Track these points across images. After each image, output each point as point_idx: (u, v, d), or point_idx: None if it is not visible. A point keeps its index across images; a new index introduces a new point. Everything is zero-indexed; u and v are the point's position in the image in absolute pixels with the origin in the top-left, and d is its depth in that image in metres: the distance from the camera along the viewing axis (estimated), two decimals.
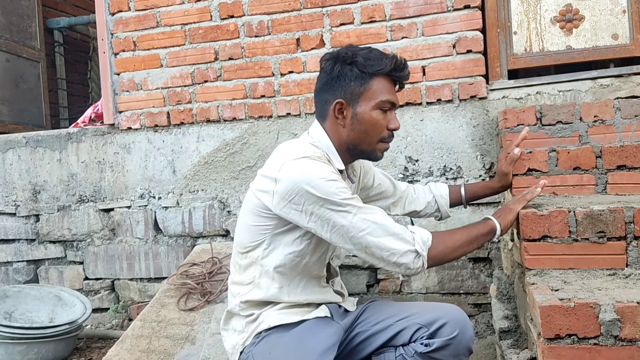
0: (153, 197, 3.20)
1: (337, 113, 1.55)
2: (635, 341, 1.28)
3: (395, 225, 1.46)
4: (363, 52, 1.53)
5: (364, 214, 1.43)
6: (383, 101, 1.53)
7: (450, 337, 1.49)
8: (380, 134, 1.55)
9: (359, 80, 1.52)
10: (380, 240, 1.42)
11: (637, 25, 2.63)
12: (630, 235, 1.58)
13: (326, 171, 1.44)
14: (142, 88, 3.19)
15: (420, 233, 1.49)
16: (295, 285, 1.57)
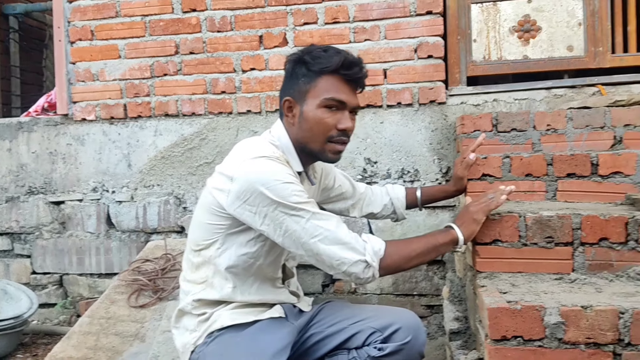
0: (106, 190, 3.12)
1: (286, 111, 1.55)
2: (579, 344, 1.32)
3: (348, 233, 1.44)
4: (316, 51, 1.51)
5: (317, 220, 1.42)
6: (327, 99, 1.48)
7: (404, 342, 1.50)
8: (327, 133, 1.51)
9: (307, 78, 1.50)
10: (331, 248, 1.41)
11: (591, 38, 2.71)
12: (577, 241, 1.63)
13: (283, 173, 1.43)
14: (98, 79, 3.11)
15: (373, 243, 1.46)
16: (249, 285, 1.55)
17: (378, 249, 1.45)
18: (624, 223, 1.60)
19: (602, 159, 1.96)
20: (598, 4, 2.69)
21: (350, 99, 1.52)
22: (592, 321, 1.30)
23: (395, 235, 2.77)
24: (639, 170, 1.94)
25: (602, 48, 2.70)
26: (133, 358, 2.22)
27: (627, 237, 1.61)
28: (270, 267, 1.58)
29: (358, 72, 1.52)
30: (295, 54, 1.55)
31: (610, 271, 1.62)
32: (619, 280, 1.57)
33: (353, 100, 1.53)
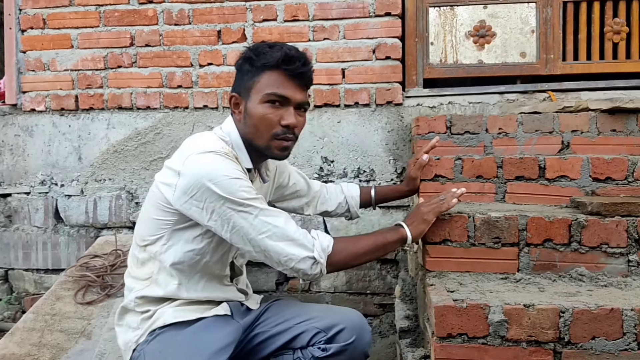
0: (55, 184, 3.03)
1: (233, 107, 1.55)
2: (521, 342, 1.36)
3: (296, 230, 1.44)
4: (262, 47, 1.50)
5: (265, 217, 1.41)
6: (269, 94, 1.47)
7: (347, 343, 1.51)
8: (271, 129, 1.49)
9: (251, 74, 1.50)
10: (279, 244, 1.41)
11: (543, 46, 2.79)
12: (522, 242, 1.67)
13: (231, 168, 1.41)
14: (49, 68, 3.01)
15: (322, 240, 1.47)
16: (195, 282, 1.53)
17: (326, 246, 1.46)
18: (567, 225, 1.65)
19: (550, 162, 2.02)
20: (551, 13, 2.78)
21: (293, 95, 1.49)
22: (534, 320, 1.34)
23: (350, 234, 2.79)
24: (583, 175, 2.01)
25: (554, 55, 2.79)
26: (78, 355, 2.16)
27: (570, 239, 1.66)
28: (217, 264, 1.56)
29: (300, 66, 1.49)
30: (244, 51, 1.54)
31: (554, 271, 1.67)
32: (561, 281, 1.62)
33: (297, 96, 1.50)
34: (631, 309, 1.33)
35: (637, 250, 1.64)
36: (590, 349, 1.34)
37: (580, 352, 1.34)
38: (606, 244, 1.64)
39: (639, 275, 1.64)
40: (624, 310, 1.33)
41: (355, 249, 1.51)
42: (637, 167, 1.98)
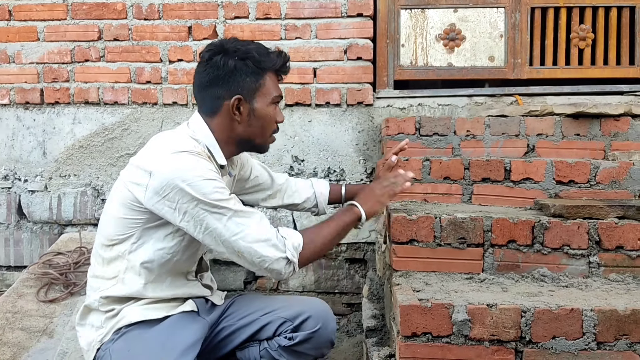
0: (18, 179, 2.96)
1: (234, 109, 1.52)
2: (483, 341, 1.38)
3: (269, 230, 1.44)
4: (253, 47, 1.53)
5: (239, 218, 1.41)
6: (276, 96, 1.56)
7: (313, 331, 1.54)
8: (272, 128, 1.60)
9: (255, 76, 1.52)
10: (253, 246, 1.41)
11: (511, 50, 2.84)
12: (487, 243, 1.70)
13: (205, 169, 1.41)
14: (14, 61, 2.94)
15: (292, 238, 1.48)
16: (162, 280, 1.52)
17: (297, 245, 1.47)
18: (530, 227, 1.69)
19: (515, 165, 2.05)
20: (519, 18, 2.83)
21: (282, 94, 1.63)
22: (497, 319, 1.37)
23: None
24: (547, 177, 2.06)
25: (521, 60, 2.84)
26: (40, 354, 2.12)
27: (533, 240, 1.69)
28: (187, 261, 1.55)
29: (288, 69, 1.63)
30: (218, 47, 1.53)
31: (517, 272, 1.70)
32: (524, 281, 1.65)
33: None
34: (591, 309, 1.37)
35: (598, 252, 1.69)
36: (550, 348, 1.37)
37: (541, 351, 1.37)
38: (568, 245, 1.69)
39: (599, 276, 1.69)
40: (584, 311, 1.36)
41: (321, 239, 1.54)
42: (599, 171, 2.04)
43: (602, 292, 1.54)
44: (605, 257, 1.68)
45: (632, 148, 2.32)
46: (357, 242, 2.81)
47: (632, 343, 1.35)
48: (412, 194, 2.12)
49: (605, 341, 1.36)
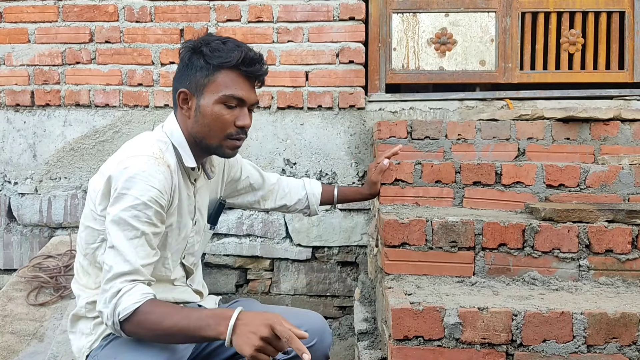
0: (8, 181, 2.94)
1: (181, 103, 1.48)
2: (475, 344, 1.39)
3: (119, 283, 1.29)
4: (215, 42, 1.44)
5: (116, 250, 1.32)
6: (227, 96, 1.43)
7: (308, 346, 1.48)
8: (225, 130, 1.46)
9: (205, 71, 1.44)
10: (103, 285, 1.31)
11: (502, 54, 2.86)
12: (478, 246, 1.71)
13: (147, 186, 1.34)
14: (4, 63, 2.92)
15: (125, 303, 1.27)
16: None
17: (119, 312, 1.28)
18: (521, 230, 1.70)
19: (506, 169, 2.07)
20: (510, 22, 2.85)
21: (249, 96, 1.47)
22: (488, 322, 1.37)
23: (311, 236, 2.80)
24: (538, 181, 2.07)
25: (512, 64, 2.86)
26: (30, 358, 2.10)
27: (524, 244, 1.70)
28: (162, 267, 1.50)
29: (259, 69, 1.48)
30: (191, 43, 1.48)
31: (508, 275, 1.71)
32: (515, 284, 1.66)
33: (252, 97, 1.49)
34: (581, 312, 1.38)
35: (588, 256, 1.70)
36: (541, 351, 1.38)
37: (531, 355, 1.38)
38: (558, 249, 1.70)
39: (589, 279, 1.70)
40: (574, 314, 1.37)
41: (158, 327, 1.27)
42: (589, 175, 2.05)
43: (592, 296, 1.55)
44: (595, 261, 1.70)
45: (622, 152, 2.34)
46: (349, 245, 2.82)
47: (621, 346, 1.37)
48: (404, 198, 2.13)
49: (595, 344, 1.37)
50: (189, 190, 1.54)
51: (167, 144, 1.48)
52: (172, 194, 1.44)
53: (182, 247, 1.56)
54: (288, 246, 2.83)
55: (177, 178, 1.47)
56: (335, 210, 2.79)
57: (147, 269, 1.35)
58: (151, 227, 1.35)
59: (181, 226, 1.53)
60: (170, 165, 1.44)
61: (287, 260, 2.85)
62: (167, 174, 1.40)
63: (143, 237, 1.34)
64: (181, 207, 1.51)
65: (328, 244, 2.82)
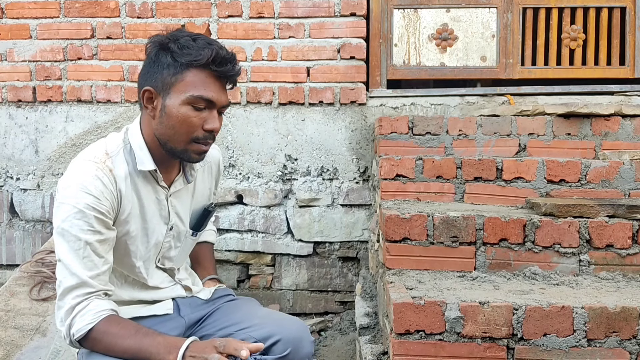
0: (10, 177, 2.95)
1: (146, 102, 1.38)
2: (475, 338, 1.40)
3: (71, 298, 1.29)
4: (184, 39, 1.33)
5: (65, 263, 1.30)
6: (195, 97, 1.32)
7: (281, 356, 1.44)
8: (192, 133, 1.35)
9: (172, 69, 1.33)
10: (58, 302, 1.32)
11: (503, 50, 2.86)
12: (479, 241, 1.72)
13: (82, 193, 1.30)
14: (6, 59, 2.93)
15: (78, 324, 1.27)
16: (119, 285, 1.47)
17: (72, 333, 1.28)
18: (522, 225, 1.71)
19: (507, 164, 2.07)
20: (511, 18, 2.85)
21: (219, 98, 1.37)
22: (489, 316, 1.38)
23: (312, 232, 2.81)
24: (539, 177, 2.08)
25: (513, 60, 2.86)
26: (33, 352, 2.11)
27: (525, 239, 1.71)
28: (135, 274, 1.48)
29: (230, 69, 1.37)
30: (159, 38, 1.37)
31: (509, 270, 1.72)
32: (515, 279, 1.67)
33: (222, 99, 1.38)
34: (581, 307, 1.39)
35: (588, 251, 1.71)
36: (542, 345, 1.39)
37: (532, 348, 1.39)
38: (559, 244, 1.71)
39: (589, 274, 1.71)
40: (575, 308, 1.38)
41: (112, 349, 1.29)
42: (590, 170, 2.06)
43: (593, 290, 1.56)
44: (595, 256, 1.71)
45: (622, 147, 2.35)
46: (350, 241, 2.83)
47: (621, 340, 1.38)
48: (405, 193, 2.14)
49: (595, 338, 1.38)
50: (157, 194, 1.46)
51: (121, 147, 1.41)
52: (119, 199, 1.37)
53: (154, 254, 1.51)
54: (289, 241, 2.84)
55: (130, 184, 1.40)
56: (336, 206, 2.81)
57: (98, 280, 1.31)
58: (95, 235, 1.31)
59: (148, 232, 1.46)
60: (114, 170, 1.36)
61: (288, 255, 2.86)
62: (107, 179, 1.34)
63: (88, 247, 1.30)
64: (144, 212, 1.44)
65: (329, 239, 2.83)
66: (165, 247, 1.53)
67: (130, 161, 1.40)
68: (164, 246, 1.53)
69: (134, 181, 1.40)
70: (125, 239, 1.42)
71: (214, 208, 1.68)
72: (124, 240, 1.42)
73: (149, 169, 1.40)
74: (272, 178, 2.86)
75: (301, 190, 2.83)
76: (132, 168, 1.40)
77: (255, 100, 2.84)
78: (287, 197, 2.86)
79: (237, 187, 2.85)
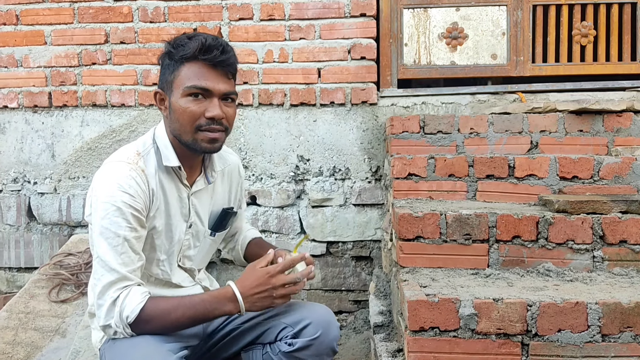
0: (28, 181, 3.00)
1: (158, 103, 1.50)
2: (490, 334, 1.41)
3: (112, 290, 1.36)
4: (181, 39, 1.44)
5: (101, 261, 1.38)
6: (189, 87, 1.41)
7: (313, 338, 1.51)
8: (194, 122, 1.42)
9: (171, 68, 1.44)
10: (97, 301, 1.38)
11: (514, 48, 2.87)
12: (492, 239, 1.73)
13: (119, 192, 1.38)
14: (22, 65, 2.97)
15: (128, 307, 1.35)
16: (152, 284, 1.55)
17: (126, 316, 1.35)
18: (535, 222, 1.72)
19: (519, 162, 2.08)
20: (521, 15, 2.85)
21: (215, 85, 1.43)
22: (503, 313, 1.39)
23: (325, 232, 2.83)
24: (551, 174, 2.08)
25: (523, 57, 2.86)
26: (53, 353, 2.15)
27: (538, 236, 1.72)
28: (157, 269, 1.55)
29: (218, 55, 1.42)
30: (165, 44, 1.49)
31: (522, 267, 1.73)
32: (529, 276, 1.68)
33: (220, 86, 1.44)
34: (595, 302, 1.39)
35: (602, 247, 1.71)
36: (556, 341, 1.39)
37: (546, 344, 1.40)
38: (572, 240, 1.71)
39: (603, 270, 1.71)
40: (589, 304, 1.39)
41: (167, 321, 1.39)
42: (603, 167, 2.06)
43: (607, 286, 1.56)
44: (609, 252, 1.71)
45: (635, 143, 2.34)
46: (363, 240, 2.84)
47: (636, 335, 1.38)
48: (418, 192, 2.15)
49: (609, 333, 1.39)
50: (180, 192, 1.54)
51: (149, 147, 1.50)
52: (151, 197, 1.46)
53: (177, 250, 1.58)
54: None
55: (158, 181, 1.48)
56: (349, 206, 2.82)
57: (134, 274, 1.40)
58: (132, 232, 1.40)
59: (173, 228, 1.54)
60: (146, 169, 1.46)
61: None
62: (140, 179, 1.42)
63: (126, 244, 1.39)
64: (168, 208, 1.52)
65: (342, 239, 2.85)
66: (185, 245, 1.60)
67: (158, 159, 1.49)
68: (184, 244, 1.60)
69: (160, 178, 1.49)
70: (152, 233, 1.50)
71: (231, 210, 1.73)
72: (151, 235, 1.50)
73: (174, 165, 1.49)
74: (284, 179, 2.88)
75: (314, 190, 2.85)
76: (159, 166, 1.49)
77: (267, 102, 2.87)
78: (300, 198, 2.88)
79: (250, 188, 2.87)
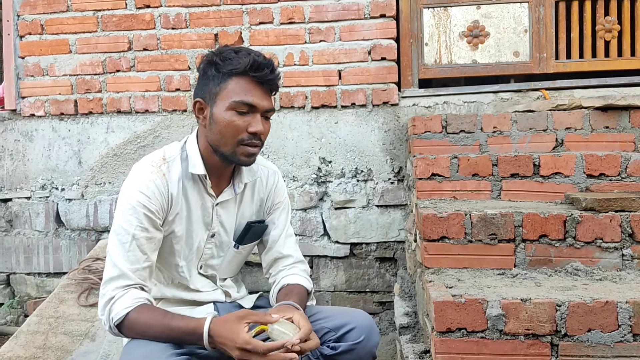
0: (56, 188, 3.05)
1: (197, 112, 1.54)
2: (518, 335, 1.39)
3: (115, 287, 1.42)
4: (227, 52, 1.49)
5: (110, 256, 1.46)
6: (237, 102, 1.45)
7: (356, 342, 1.51)
8: (237, 136, 1.47)
9: (216, 79, 1.48)
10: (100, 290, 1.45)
11: (536, 45, 2.83)
12: (518, 238, 1.71)
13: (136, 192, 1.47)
14: (48, 74, 3.04)
15: (117, 308, 1.39)
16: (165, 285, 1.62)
17: (112, 317, 1.40)
18: (562, 221, 1.69)
19: (544, 160, 2.06)
20: (543, 12, 2.82)
21: (260, 102, 1.48)
22: (531, 313, 1.38)
23: (348, 233, 2.83)
24: (577, 171, 2.05)
25: (546, 54, 2.83)
26: (83, 357, 2.19)
27: (565, 234, 1.70)
28: (176, 274, 1.60)
29: (268, 74, 1.48)
30: (208, 55, 1.53)
31: (550, 266, 1.71)
32: (557, 275, 1.66)
33: (264, 103, 1.49)
34: (626, 301, 1.37)
35: (631, 245, 1.69)
36: (586, 341, 1.38)
37: (576, 345, 1.38)
38: (600, 238, 1.69)
39: (632, 268, 1.68)
40: (619, 303, 1.37)
41: (146, 334, 1.40)
42: (630, 163, 2.02)
43: (637, 285, 1.54)
44: (638, 250, 1.68)
45: None
46: (386, 241, 2.84)
47: None
48: (441, 192, 2.14)
49: None
50: (204, 201, 1.58)
51: (178, 153, 1.57)
52: (170, 201, 1.52)
53: (197, 257, 1.62)
54: (326, 243, 2.87)
55: (181, 187, 1.54)
56: (372, 207, 2.82)
57: (137, 274, 1.44)
58: (143, 232, 1.45)
59: (193, 235, 1.59)
60: (168, 174, 1.52)
61: (325, 257, 2.88)
62: (159, 182, 1.50)
63: (134, 242, 1.44)
64: (190, 215, 1.57)
65: (366, 240, 2.85)
66: (207, 254, 1.64)
67: (185, 167, 1.55)
68: (205, 252, 1.63)
69: (184, 185, 1.54)
70: (171, 237, 1.55)
71: (257, 224, 1.71)
72: (170, 239, 1.55)
73: (199, 172, 1.53)
74: (307, 181, 2.89)
75: (336, 192, 2.86)
76: (185, 173, 1.55)
77: (289, 105, 2.88)
78: (323, 200, 2.88)
79: None
